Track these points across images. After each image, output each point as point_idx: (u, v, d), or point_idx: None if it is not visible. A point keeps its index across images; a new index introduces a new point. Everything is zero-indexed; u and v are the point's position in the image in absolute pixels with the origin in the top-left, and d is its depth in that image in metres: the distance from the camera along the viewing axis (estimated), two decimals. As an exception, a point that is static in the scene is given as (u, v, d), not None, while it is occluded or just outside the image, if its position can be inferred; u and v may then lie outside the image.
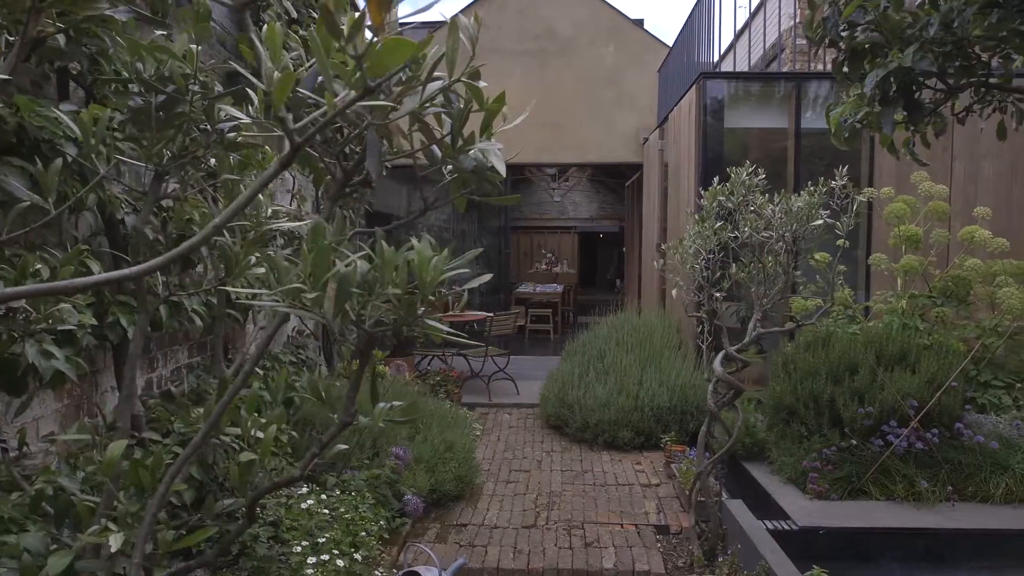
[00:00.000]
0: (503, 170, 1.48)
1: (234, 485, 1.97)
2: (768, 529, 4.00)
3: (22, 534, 1.79)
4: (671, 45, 8.45)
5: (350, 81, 1.29)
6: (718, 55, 6.52)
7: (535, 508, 4.68)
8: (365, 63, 1.24)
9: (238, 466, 1.91)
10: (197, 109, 1.95)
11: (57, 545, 1.76)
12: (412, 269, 1.38)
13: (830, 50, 2.42)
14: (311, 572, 2.31)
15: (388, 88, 1.33)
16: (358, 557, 2.43)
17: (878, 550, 4.17)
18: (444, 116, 1.44)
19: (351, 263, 1.35)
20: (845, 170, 3.65)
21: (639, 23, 20.04)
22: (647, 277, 8.91)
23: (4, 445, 2.34)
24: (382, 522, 2.79)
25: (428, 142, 1.47)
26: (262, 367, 4.18)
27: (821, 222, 3.49)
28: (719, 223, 3.66)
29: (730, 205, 3.65)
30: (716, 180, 3.92)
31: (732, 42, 7.88)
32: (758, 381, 6.20)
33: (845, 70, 2.32)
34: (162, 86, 1.93)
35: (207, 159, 2.18)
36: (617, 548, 4.09)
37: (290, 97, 1.35)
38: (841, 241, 5.77)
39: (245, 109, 1.88)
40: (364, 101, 1.30)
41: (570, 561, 3.92)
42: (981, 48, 2.05)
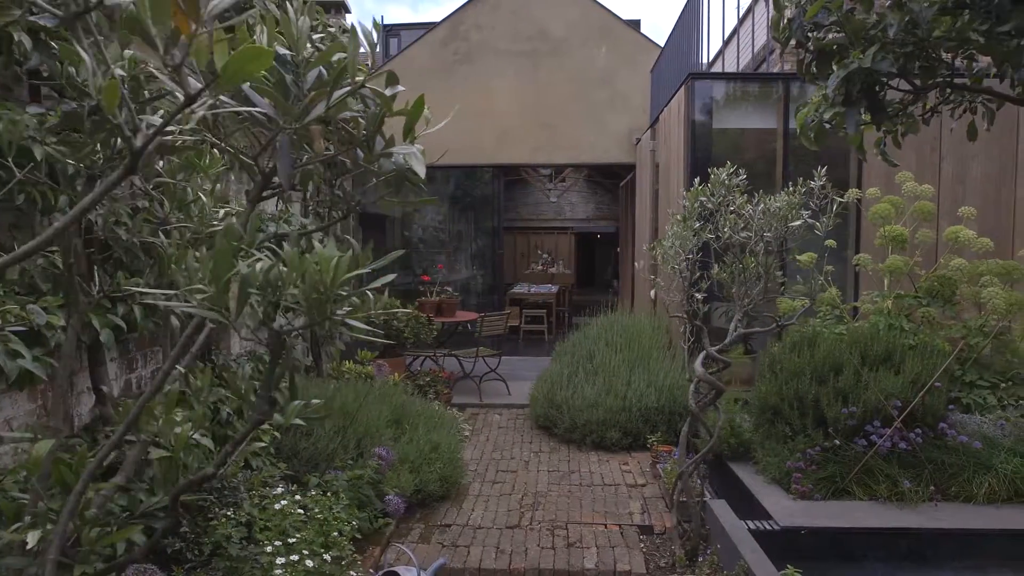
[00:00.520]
0: (422, 173, 1.49)
1: (157, 483, 1.98)
2: (750, 529, 4.00)
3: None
4: (663, 46, 8.47)
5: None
6: (707, 56, 6.53)
7: (520, 508, 4.69)
8: (221, 71, 1.24)
9: (158, 464, 1.92)
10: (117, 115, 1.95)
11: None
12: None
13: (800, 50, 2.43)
14: (280, 572, 2.32)
15: (301, 93, 1.34)
16: (327, 557, 2.43)
17: (862, 550, 4.17)
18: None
19: (252, 264, 1.36)
20: (824, 171, 3.65)
21: (636, 24, 20.08)
22: (640, 278, 8.92)
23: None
24: (355, 522, 2.79)
25: (343, 146, 1.48)
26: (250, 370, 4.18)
27: (800, 222, 3.49)
28: (699, 223, 3.66)
29: (710, 206, 3.65)
30: (697, 181, 3.93)
31: (723, 45, 7.89)
32: (746, 381, 6.20)
33: (813, 71, 2.32)
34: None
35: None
36: (600, 548, 4.09)
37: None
38: (829, 241, 5.81)
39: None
40: (216, 109, 1.31)
41: (552, 561, 3.92)
42: (944, 49, 2.06)
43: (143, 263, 2.71)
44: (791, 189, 3.62)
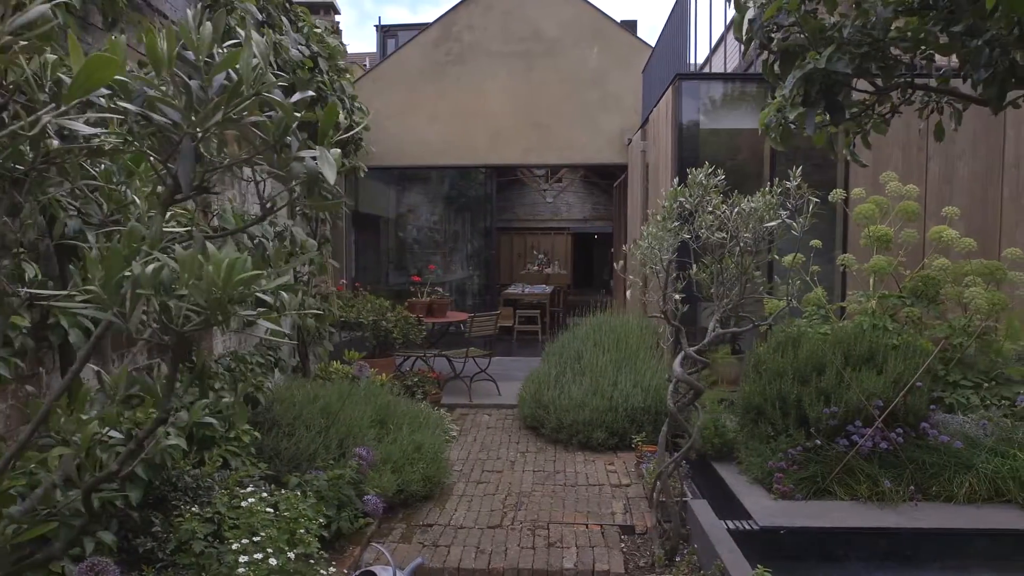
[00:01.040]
0: (332, 178, 1.50)
1: (73, 481, 2.00)
2: (729, 529, 4.01)
3: None
4: (654, 46, 8.47)
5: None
6: (695, 57, 6.54)
7: (503, 508, 4.69)
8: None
9: (64, 461, 1.94)
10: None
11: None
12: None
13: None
14: (243, 571, 2.32)
15: (208, 98, 1.36)
16: (291, 555, 2.45)
17: (843, 550, 4.17)
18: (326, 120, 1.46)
19: (143, 265, 1.37)
20: (800, 171, 3.66)
21: (632, 24, 20.05)
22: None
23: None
24: (322, 520, 2.81)
25: (248, 150, 1.50)
26: (228, 368, 4.20)
27: (775, 223, 3.50)
28: (676, 223, 3.67)
29: (688, 206, 3.66)
30: (676, 181, 3.94)
31: (715, 46, 7.89)
32: (733, 382, 6.20)
33: (777, 71, 2.33)
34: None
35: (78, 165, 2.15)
36: (580, 548, 4.10)
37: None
38: (814, 242, 5.82)
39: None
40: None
41: (531, 561, 3.93)
42: (902, 49, 2.06)
43: (54, 266, 2.72)
44: (767, 189, 3.63)
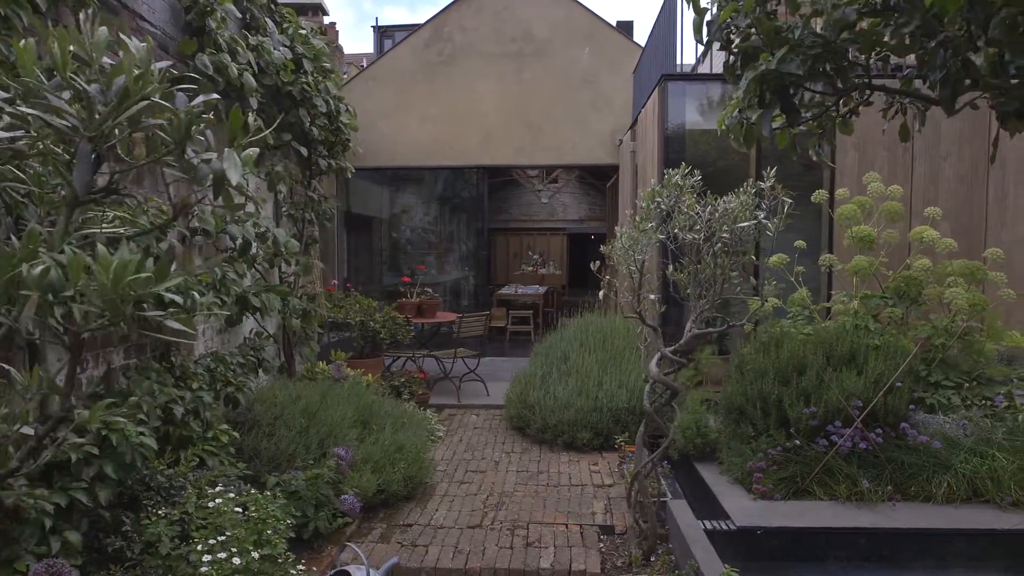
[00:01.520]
0: (235, 180, 1.51)
1: None
2: (706, 529, 4.02)
3: None
4: (644, 47, 8.48)
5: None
6: (681, 57, 6.55)
7: (484, 509, 4.70)
8: None
9: None
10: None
11: None
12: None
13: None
14: (206, 570, 2.34)
15: (107, 102, 1.37)
16: (256, 555, 2.45)
17: (822, 550, 4.18)
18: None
19: (32, 267, 1.38)
20: (773, 171, 3.67)
21: (629, 25, 20.06)
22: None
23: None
24: (290, 520, 2.81)
25: (148, 154, 1.52)
26: (208, 369, 4.21)
27: (748, 223, 3.51)
28: (652, 224, 3.68)
29: (664, 207, 3.67)
30: (653, 181, 3.94)
31: (707, 46, 7.89)
32: (719, 382, 6.21)
33: (738, 72, 2.34)
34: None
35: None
36: (557, 548, 4.11)
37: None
38: (799, 242, 5.82)
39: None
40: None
41: (508, 561, 3.94)
42: (856, 50, 2.07)
43: None
44: (741, 190, 3.63)
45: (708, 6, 2.30)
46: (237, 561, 2.36)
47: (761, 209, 3.80)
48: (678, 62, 6.66)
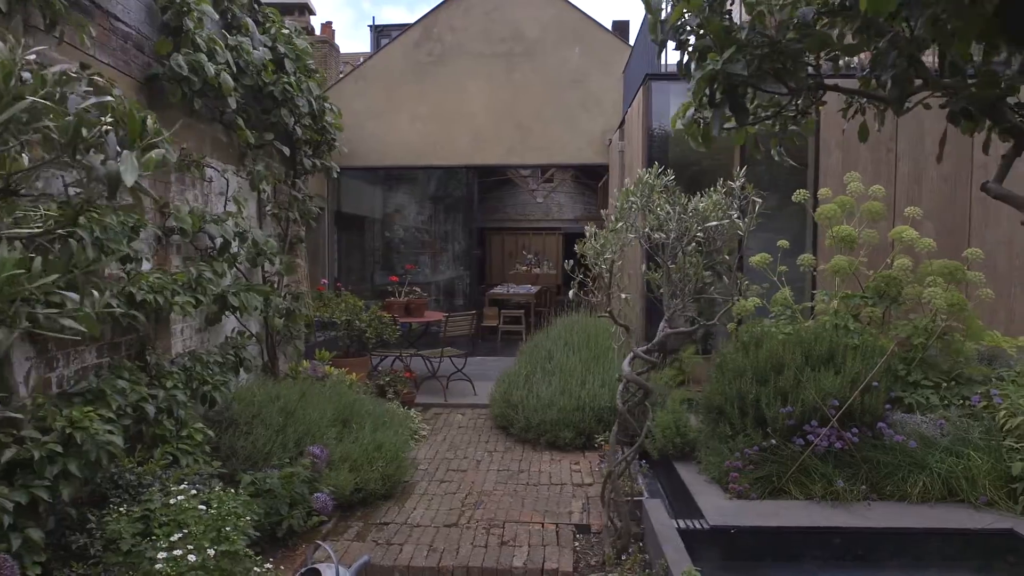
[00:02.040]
0: (130, 181, 1.52)
1: None
2: (679, 528, 4.02)
3: None
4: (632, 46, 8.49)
5: None
6: (666, 57, 6.55)
7: (461, 508, 4.71)
8: None
9: None
10: None
11: None
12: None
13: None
14: (160, 567, 2.35)
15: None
16: (211, 552, 2.46)
17: (798, 549, 4.18)
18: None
19: None
20: (743, 171, 3.67)
21: (625, 25, 20.03)
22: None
23: None
24: (248, 518, 2.82)
25: (47, 153, 1.53)
26: (183, 367, 4.23)
27: (716, 223, 3.51)
28: (620, 224, 3.69)
29: (633, 206, 3.68)
30: (627, 181, 3.95)
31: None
32: (702, 382, 6.21)
33: (692, 72, 2.35)
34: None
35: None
36: (532, 547, 4.12)
37: None
38: (781, 242, 5.83)
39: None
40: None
41: (481, 560, 3.95)
42: (805, 50, 2.07)
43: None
44: (712, 189, 3.64)
45: (663, 5, 2.30)
46: (192, 558, 2.37)
47: (735, 209, 3.80)
48: (663, 62, 6.66)
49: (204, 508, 2.76)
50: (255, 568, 2.87)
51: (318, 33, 15.70)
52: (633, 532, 4.20)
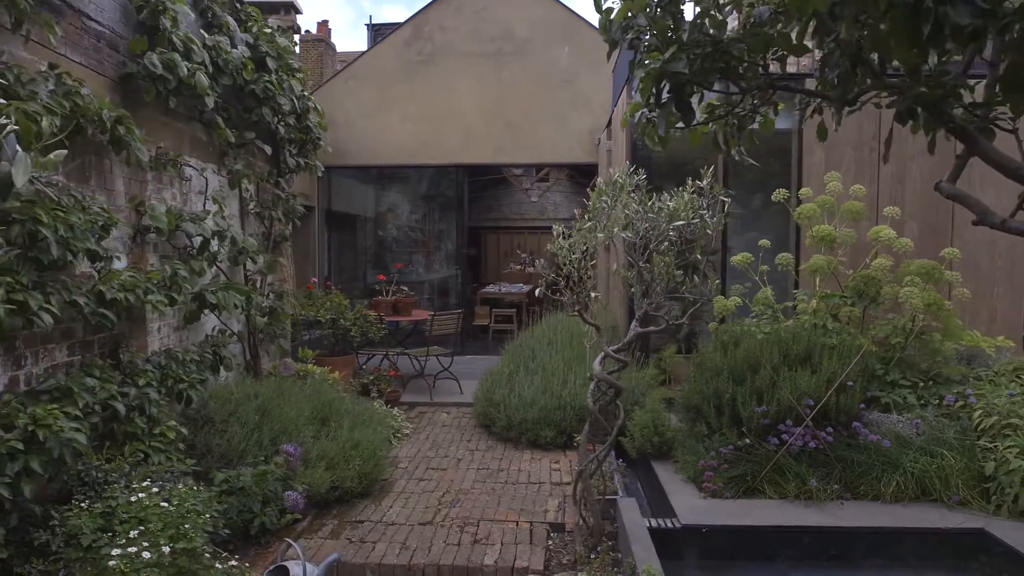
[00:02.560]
0: (20, 182, 1.53)
1: None
2: (651, 527, 4.03)
3: None
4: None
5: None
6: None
7: (438, 506, 4.72)
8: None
9: None
10: None
11: None
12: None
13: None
14: (113, 564, 2.36)
15: None
16: (166, 549, 2.48)
17: (771, 549, 4.18)
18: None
19: None
20: (711, 170, 3.68)
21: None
22: (600, 277, 8.95)
23: None
24: (207, 515, 2.83)
25: None
26: (158, 365, 4.24)
27: (681, 222, 3.52)
28: (589, 223, 3.69)
29: (604, 206, 3.69)
30: (599, 180, 3.96)
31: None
32: (683, 381, 6.22)
33: (635, 71, 2.35)
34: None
35: None
36: (504, 545, 4.13)
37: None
38: (763, 241, 5.83)
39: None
40: None
41: (452, 558, 3.96)
42: (749, 49, 2.08)
43: None
44: (681, 189, 3.65)
45: (613, 5, 2.31)
46: (147, 555, 2.38)
47: (705, 209, 3.81)
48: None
49: (166, 505, 2.77)
50: (217, 565, 2.88)
51: (305, 32, 15.71)
52: (607, 531, 4.21)
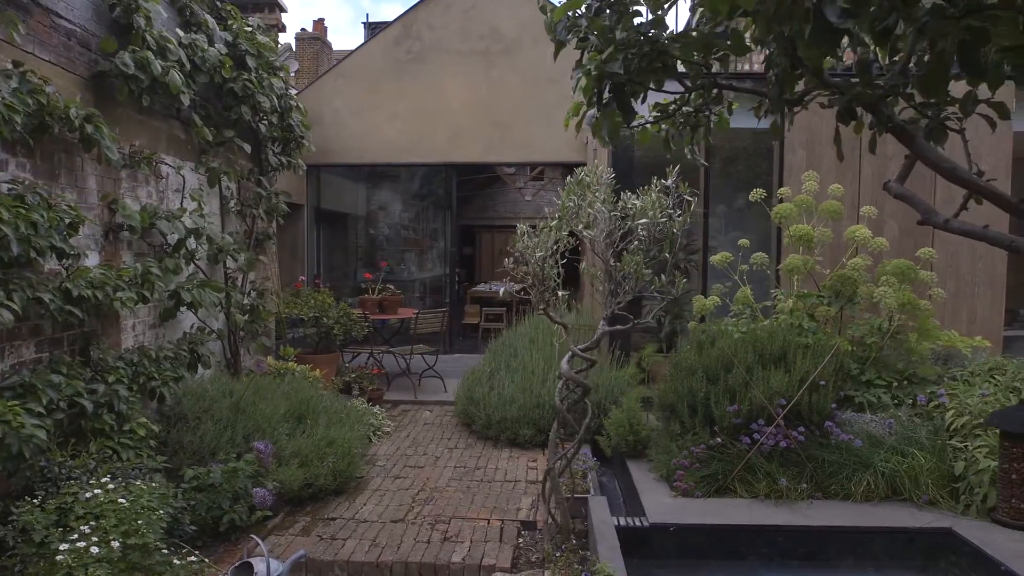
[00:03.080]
0: None
1: None
2: (619, 526, 4.04)
3: None
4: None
5: None
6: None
7: (411, 504, 4.73)
8: None
9: None
10: None
11: None
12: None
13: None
14: (61, 559, 2.38)
15: None
16: (115, 544, 2.49)
17: (742, 548, 4.19)
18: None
19: None
20: (676, 169, 3.68)
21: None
22: (584, 276, 8.95)
23: None
24: (161, 512, 2.85)
25: None
26: (130, 363, 4.25)
27: (644, 220, 3.52)
28: (555, 222, 3.70)
29: (571, 205, 3.70)
30: (569, 179, 3.97)
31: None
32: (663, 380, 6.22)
33: (573, 72, 2.36)
34: None
35: None
36: (473, 543, 4.14)
37: None
38: (742, 241, 5.84)
39: None
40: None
41: (421, 555, 3.97)
42: (685, 50, 2.08)
43: None
44: (646, 188, 3.65)
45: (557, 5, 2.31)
46: (95, 550, 2.40)
47: (671, 207, 3.81)
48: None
49: (123, 501, 2.79)
50: (176, 560, 2.90)
51: (300, 30, 15.73)
52: (577, 529, 4.22)
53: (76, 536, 2.53)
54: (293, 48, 18.12)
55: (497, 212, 18.21)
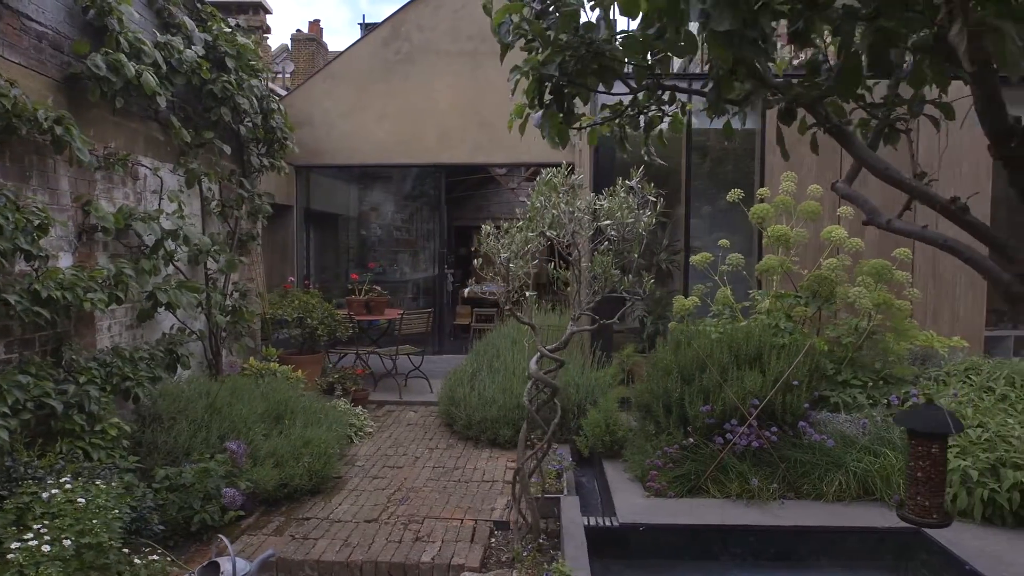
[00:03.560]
0: None
1: None
2: (588, 526, 4.05)
3: None
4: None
5: None
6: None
7: (387, 504, 4.74)
8: None
9: None
10: None
11: None
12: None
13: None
14: (12, 557, 2.39)
15: None
16: (67, 543, 2.51)
17: (713, 548, 4.19)
18: None
19: None
20: (641, 170, 3.69)
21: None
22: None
23: None
24: (116, 511, 2.86)
25: None
26: (104, 363, 4.27)
27: (609, 221, 3.53)
28: (519, 223, 3.72)
29: (538, 205, 3.71)
30: (538, 180, 3.98)
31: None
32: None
33: (510, 74, 2.37)
34: None
35: None
36: (445, 543, 4.14)
37: None
38: (722, 242, 5.84)
39: None
40: None
41: (391, 555, 3.98)
42: (628, 52, 2.09)
43: None
44: (612, 189, 3.66)
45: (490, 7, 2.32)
46: (47, 548, 2.41)
47: (638, 208, 3.82)
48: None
49: (83, 501, 2.80)
50: (136, 560, 2.91)
51: (296, 31, 15.76)
52: (550, 529, 4.23)
53: (30, 535, 2.55)
54: (289, 49, 18.18)
55: (491, 212, 18.23)
